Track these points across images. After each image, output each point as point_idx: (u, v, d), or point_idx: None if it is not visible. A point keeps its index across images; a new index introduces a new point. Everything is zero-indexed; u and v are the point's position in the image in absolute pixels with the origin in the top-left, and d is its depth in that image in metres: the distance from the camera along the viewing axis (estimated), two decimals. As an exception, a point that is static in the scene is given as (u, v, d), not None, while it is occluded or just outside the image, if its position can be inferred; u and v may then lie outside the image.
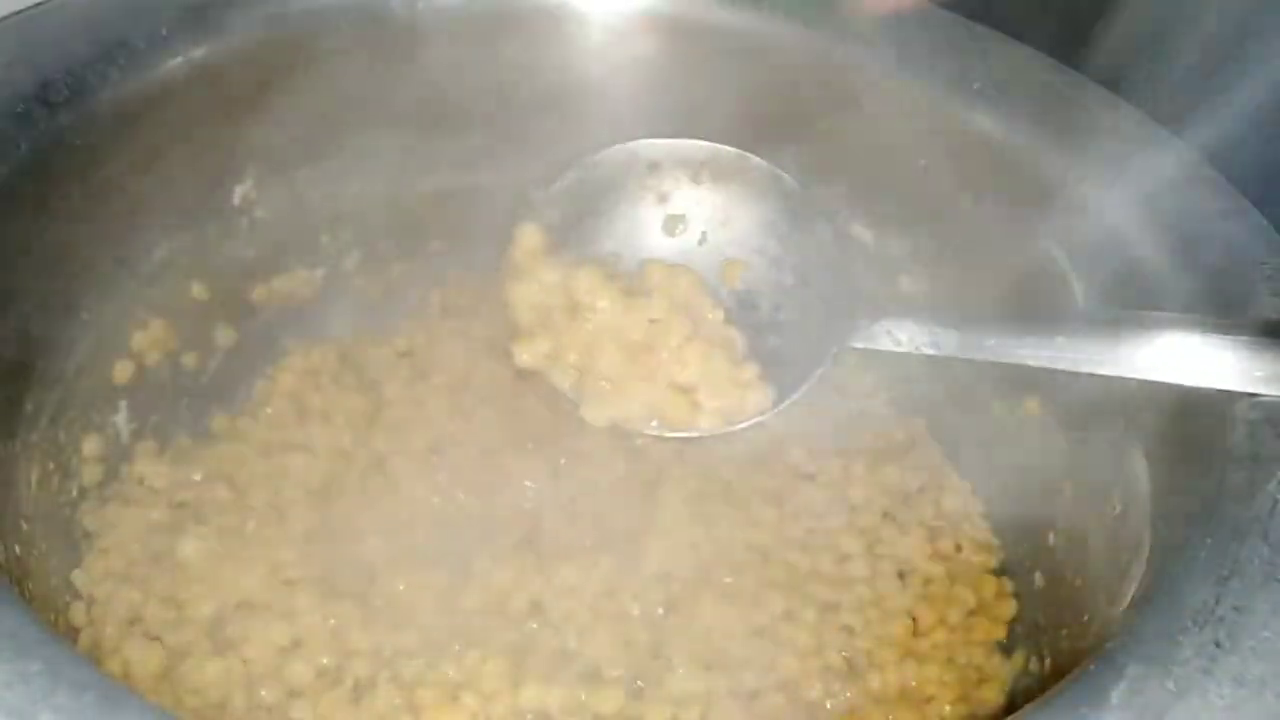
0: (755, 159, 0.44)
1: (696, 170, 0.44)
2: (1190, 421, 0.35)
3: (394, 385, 0.53)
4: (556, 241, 0.44)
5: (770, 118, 0.52)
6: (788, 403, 0.42)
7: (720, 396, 0.42)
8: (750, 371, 0.42)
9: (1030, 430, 0.48)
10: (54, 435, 0.43)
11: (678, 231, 0.45)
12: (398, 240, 0.56)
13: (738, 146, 0.49)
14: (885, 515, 0.50)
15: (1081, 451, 0.44)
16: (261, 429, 0.50)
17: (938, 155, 0.49)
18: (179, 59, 0.45)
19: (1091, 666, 0.26)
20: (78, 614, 0.42)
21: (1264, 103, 0.42)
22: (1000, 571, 0.48)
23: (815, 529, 0.49)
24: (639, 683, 0.41)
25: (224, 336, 0.52)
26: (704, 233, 0.45)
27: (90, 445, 0.45)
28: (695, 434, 0.42)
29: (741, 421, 0.42)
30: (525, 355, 0.43)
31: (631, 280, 0.43)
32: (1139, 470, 0.38)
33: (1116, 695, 0.25)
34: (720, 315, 0.43)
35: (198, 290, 0.50)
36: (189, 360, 0.50)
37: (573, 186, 0.44)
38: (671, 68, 0.52)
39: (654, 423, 0.42)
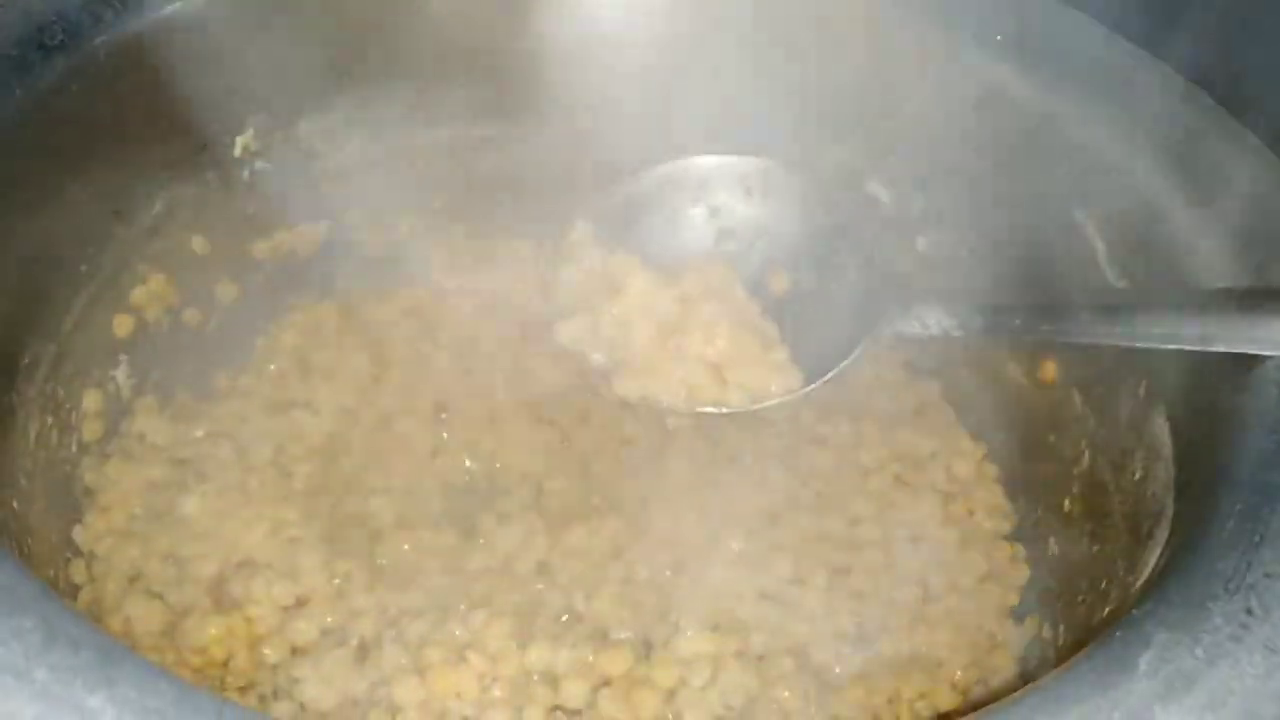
0: (801, 175, 0.45)
1: (746, 186, 0.45)
2: (1215, 384, 0.34)
3: (399, 344, 0.52)
4: (606, 239, 0.44)
5: (786, 74, 0.51)
6: (815, 385, 0.42)
7: (748, 376, 0.42)
8: (780, 354, 0.43)
9: (1047, 394, 0.47)
10: (52, 390, 0.42)
11: (727, 244, 0.45)
12: (401, 195, 0.55)
13: (755, 103, 0.49)
14: (897, 479, 0.49)
15: (1101, 416, 0.43)
16: (264, 386, 0.49)
17: (958, 112, 0.48)
18: (177, 3, 0.43)
19: (1118, 633, 0.25)
20: (78, 571, 0.42)
21: None
22: (1013, 537, 0.48)
23: (825, 492, 0.48)
24: (647, 644, 0.41)
25: (225, 292, 0.51)
26: (752, 243, 0.45)
27: (90, 401, 0.44)
28: (724, 409, 0.42)
29: (768, 400, 0.42)
30: (565, 335, 0.43)
31: (670, 270, 0.44)
32: (1161, 434, 0.38)
33: (1144, 663, 0.24)
34: (755, 306, 0.44)
35: (198, 244, 0.49)
36: (190, 316, 0.49)
37: (622, 201, 0.45)
38: (684, 20, 0.51)
39: (683, 398, 0.42)
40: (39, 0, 0.40)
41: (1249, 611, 0.25)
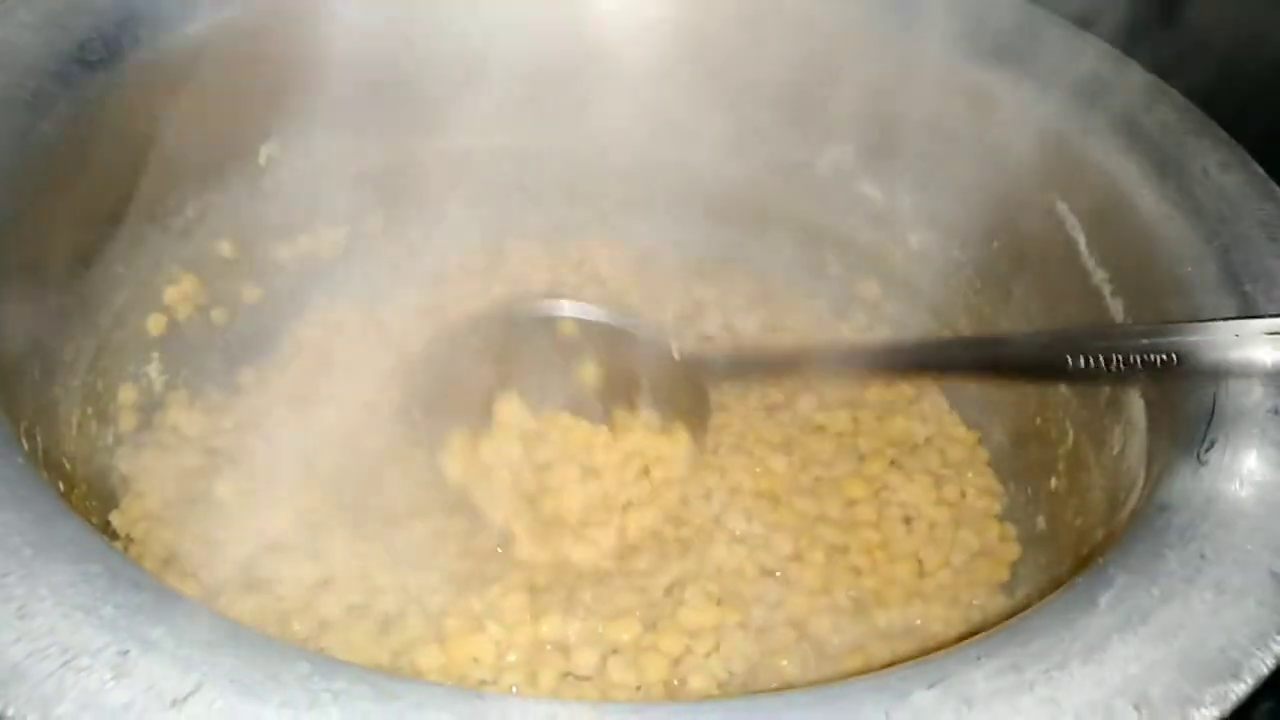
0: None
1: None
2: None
3: (417, 342, 0.55)
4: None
5: (779, 79, 0.53)
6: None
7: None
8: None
9: (1034, 380, 0.49)
10: (92, 383, 0.45)
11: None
12: (417, 202, 0.58)
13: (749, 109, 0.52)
14: (892, 464, 0.51)
15: (1083, 398, 0.45)
16: (288, 381, 0.52)
17: (947, 113, 0.50)
18: (207, 19, 0.46)
19: (1082, 578, 0.28)
20: (117, 553, 0.44)
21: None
22: (1004, 517, 0.50)
23: (824, 477, 0.50)
24: (654, 617, 0.43)
25: (251, 293, 0.53)
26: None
27: (126, 394, 0.47)
28: None
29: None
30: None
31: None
32: (1136, 410, 0.40)
33: (1104, 601, 0.26)
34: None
35: (226, 247, 0.51)
36: (218, 315, 0.52)
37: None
38: (686, 30, 0.53)
39: None
40: (79, 17, 0.43)
41: (1202, 556, 0.28)
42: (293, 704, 0.22)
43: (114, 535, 0.45)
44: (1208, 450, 0.31)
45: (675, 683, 0.41)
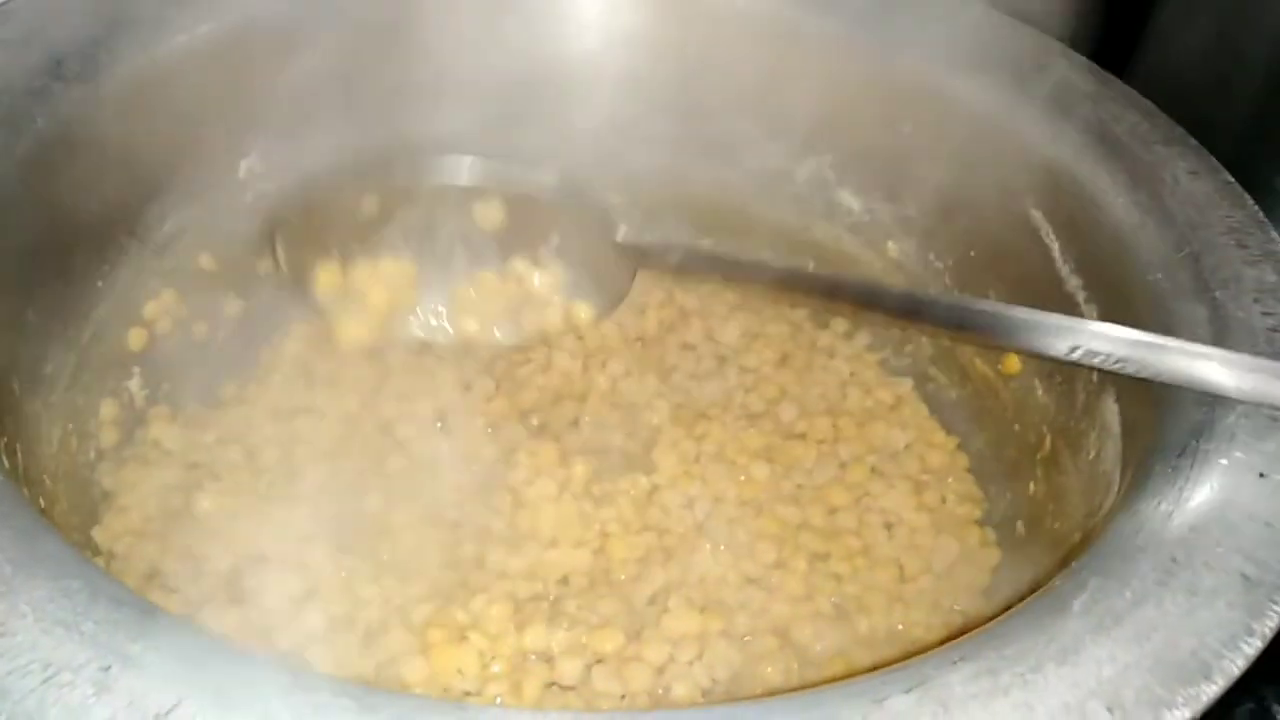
0: None
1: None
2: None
3: (398, 353, 0.55)
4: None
5: (756, 89, 0.54)
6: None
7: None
8: None
9: (1011, 386, 0.50)
10: (72, 398, 0.45)
11: None
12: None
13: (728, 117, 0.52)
14: (873, 471, 0.52)
15: (1060, 403, 0.46)
16: (270, 394, 0.52)
17: (921, 123, 0.51)
18: (185, 34, 0.46)
19: (1056, 582, 0.28)
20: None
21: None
22: (984, 522, 0.50)
23: (805, 485, 0.51)
24: (637, 626, 0.43)
25: (231, 306, 0.53)
26: None
27: (107, 409, 0.47)
28: None
29: None
30: None
31: None
32: (1111, 416, 0.40)
33: (1078, 604, 0.27)
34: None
35: (206, 261, 0.51)
36: (199, 329, 0.52)
37: None
38: (666, 40, 0.54)
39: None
40: (58, 33, 0.43)
41: (1174, 560, 0.28)
42: (274, 717, 0.23)
43: (96, 551, 0.45)
44: (1179, 455, 0.32)
45: (659, 691, 0.41)
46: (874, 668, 0.44)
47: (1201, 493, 0.30)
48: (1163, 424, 0.34)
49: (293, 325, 0.55)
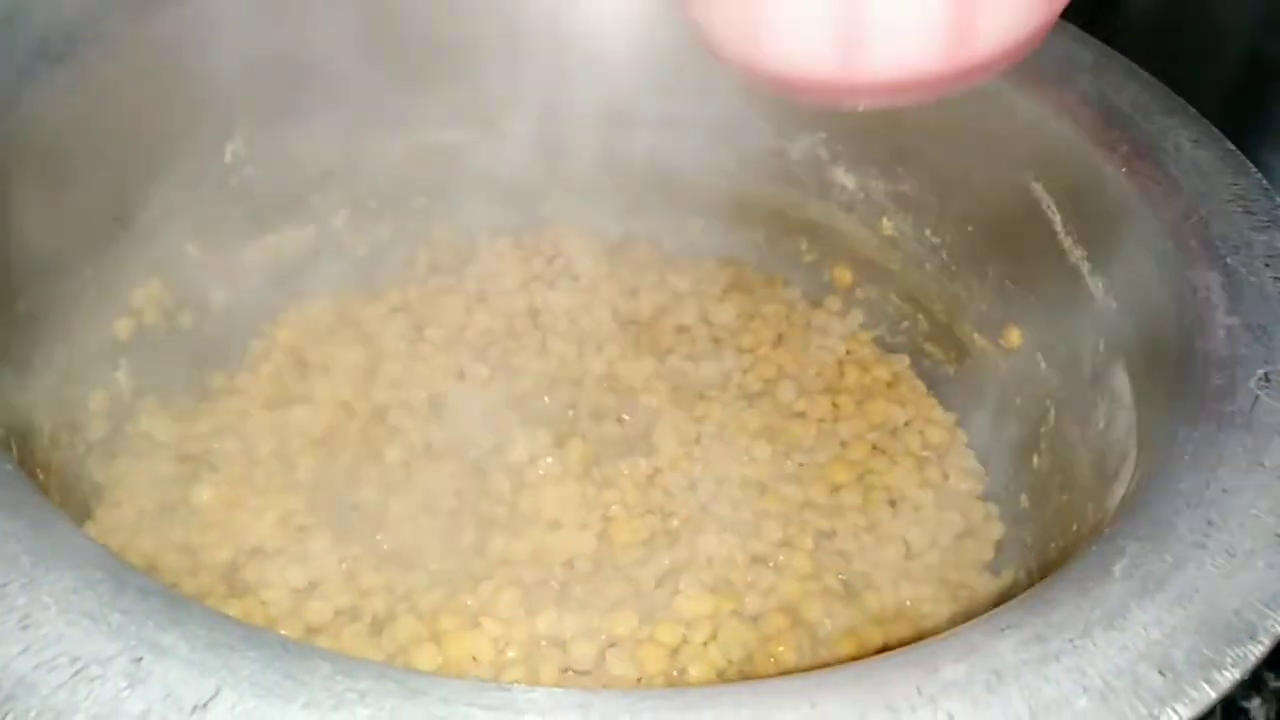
0: None
1: None
2: (1169, 332, 0.37)
3: (390, 340, 0.54)
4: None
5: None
6: None
7: None
8: None
9: (1012, 360, 0.50)
10: (61, 390, 0.43)
11: None
12: (384, 197, 0.57)
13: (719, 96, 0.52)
14: (874, 448, 0.51)
15: (1064, 375, 0.46)
16: (262, 384, 0.51)
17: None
18: (170, 14, 0.45)
19: (1094, 547, 0.28)
20: (93, 564, 0.43)
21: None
22: (986, 497, 0.50)
23: (807, 463, 0.51)
24: (650, 608, 0.42)
25: (218, 294, 0.52)
26: None
27: (96, 401, 0.46)
28: None
29: None
30: None
31: None
32: (1121, 385, 0.40)
33: (1119, 569, 0.27)
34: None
35: (192, 248, 0.50)
36: (185, 319, 0.51)
37: None
38: (657, 20, 0.53)
39: None
40: (40, 13, 0.41)
41: (1210, 522, 0.28)
42: (317, 704, 0.22)
43: (89, 546, 0.43)
44: (1203, 421, 0.32)
45: (675, 673, 0.41)
46: (885, 645, 0.45)
47: (1230, 456, 0.30)
48: (1181, 391, 0.34)
49: (281, 313, 0.54)
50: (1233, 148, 0.42)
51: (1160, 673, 0.24)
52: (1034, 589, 0.27)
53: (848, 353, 0.56)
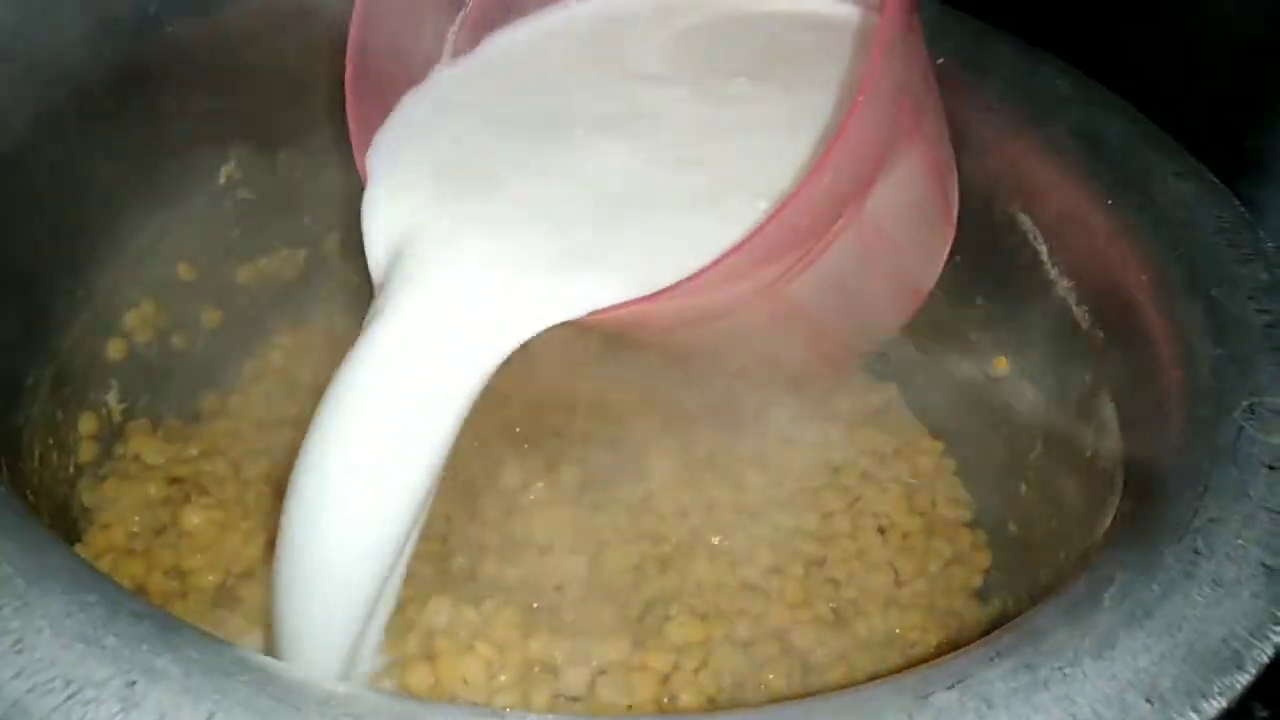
0: None
1: None
2: (1156, 364, 0.38)
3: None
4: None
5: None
6: None
7: None
8: None
9: (1000, 388, 0.50)
10: (52, 411, 0.43)
11: None
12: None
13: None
14: (864, 475, 0.52)
15: (1052, 404, 0.46)
16: (254, 406, 0.51)
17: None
18: (162, 37, 0.45)
19: (1082, 576, 0.28)
20: (81, 587, 0.43)
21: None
22: (974, 524, 0.50)
23: (798, 489, 0.51)
24: (640, 635, 0.42)
25: (210, 317, 0.52)
26: None
27: (85, 424, 0.45)
28: None
29: None
30: None
31: None
32: (1108, 414, 0.41)
33: (1108, 598, 0.27)
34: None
35: (184, 270, 0.50)
36: (178, 340, 0.51)
37: None
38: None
39: None
40: (42, 35, 0.41)
41: (1197, 552, 0.28)
42: (311, 730, 0.22)
43: (77, 569, 0.43)
44: (1190, 450, 0.32)
45: (665, 700, 0.40)
46: (875, 673, 0.45)
47: (1216, 487, 0.30)
48: (1168, 420, 0.34)
49: (273, 335, 0.54)
50: (1216, 181, 0.43)
51: (1148, 701, 0.24)
52: (1023, 617, 0.27)
53: (837, 381, 0.56)
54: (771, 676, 0.43)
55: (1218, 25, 0.57)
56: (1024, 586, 0.47)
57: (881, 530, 0.50)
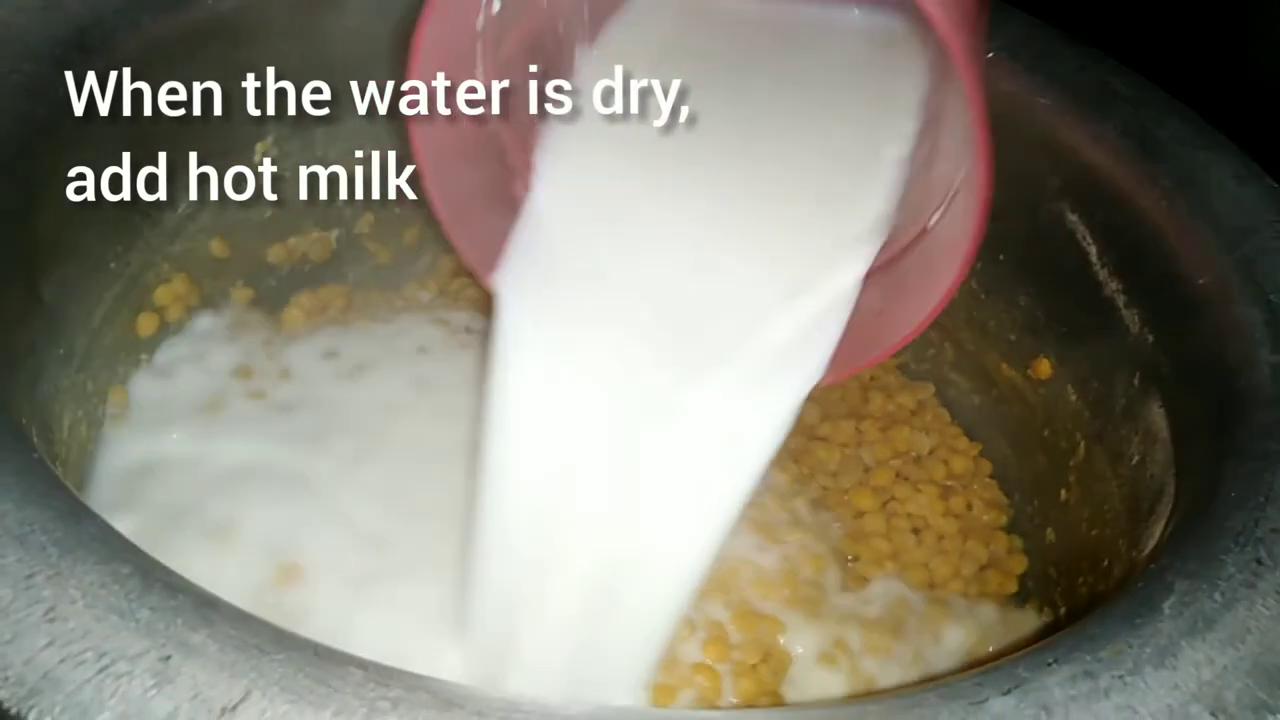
0: None
1: None
2: (1211, 370, 0.37)
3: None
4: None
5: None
6: None
7: None
8: None
9: (1040, 391, 0.49)
10: (82, 383, 0.43)
11: None
12: (408, 202, 0.57)
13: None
14: (898, 475, 0.51)
15: (1095, 409, 0.45)
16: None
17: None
18: (208, 7, 0.45)
19: (1141, 584, 0.27)
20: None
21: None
22: (1010, 529, 0.50)
23: (831, 487, 0.50)
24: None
25: (241, 294, 0.52)
26: None
27: (115, 396, 0.45)
28: None
29: None
30: None
31: None
32: (1157, 419, 0.40)
33: (1168, 606, 0.26)
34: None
35: (216, 247, 0.50)
36: (205, 317, 0.50)
37: None
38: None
39: None
40: (79, 5, 0.41)
41: (1259, 561, 0.27)
42: (349, 711, 0.21)
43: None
44: (1248, 457, 0.31)
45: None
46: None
47: (1277, 495, 0.29)
48: (1224, 428, 0.33)
49: (303, 315, 0.53)
50: (1276, 185, 0.42)
51: (1213, 714, 0.23)
52: (1080, 623, 0.26)
53: (872, 379, 0.55)
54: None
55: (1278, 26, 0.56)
56: (1062, 595, 0.46)
57: (916, 531, 0.49)
